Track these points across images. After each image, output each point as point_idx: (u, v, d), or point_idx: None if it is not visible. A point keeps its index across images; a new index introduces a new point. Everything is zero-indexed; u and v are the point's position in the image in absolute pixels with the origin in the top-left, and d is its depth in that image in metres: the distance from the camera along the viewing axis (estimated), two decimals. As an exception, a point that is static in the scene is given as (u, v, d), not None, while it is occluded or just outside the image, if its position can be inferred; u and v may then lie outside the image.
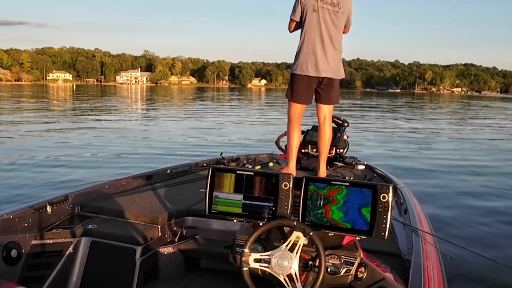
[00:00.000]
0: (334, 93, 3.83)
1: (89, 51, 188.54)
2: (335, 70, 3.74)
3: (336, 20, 3.67)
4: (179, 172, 4.12)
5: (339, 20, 3.68)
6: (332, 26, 3.67)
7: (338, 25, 3.69)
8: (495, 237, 5.35)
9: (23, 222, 2.71)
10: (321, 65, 3.67)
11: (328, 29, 3.66)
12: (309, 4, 3.65)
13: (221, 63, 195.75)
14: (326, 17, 3.65)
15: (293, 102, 3.81)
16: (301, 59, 3.70)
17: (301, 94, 3.77)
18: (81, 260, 2.81)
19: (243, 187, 2.15)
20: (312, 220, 2.04)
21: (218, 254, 2.71)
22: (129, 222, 2.95)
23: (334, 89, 3.81)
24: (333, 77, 3.73)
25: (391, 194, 1.94)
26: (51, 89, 75.45)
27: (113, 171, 7.94)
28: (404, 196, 3.47)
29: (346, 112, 27.90)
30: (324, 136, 3.86)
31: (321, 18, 3.64)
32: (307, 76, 3.69)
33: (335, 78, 3.76)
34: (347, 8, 3.71)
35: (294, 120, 3.83)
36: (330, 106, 3.86)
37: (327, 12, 3.65)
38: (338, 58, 3.76)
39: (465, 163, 10.53)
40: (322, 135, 3.87)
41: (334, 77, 3.74)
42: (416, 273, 2.13)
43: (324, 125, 3.86)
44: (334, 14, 3.66)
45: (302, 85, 3.74)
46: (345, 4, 3.69)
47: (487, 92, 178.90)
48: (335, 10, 3.66)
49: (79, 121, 18.48)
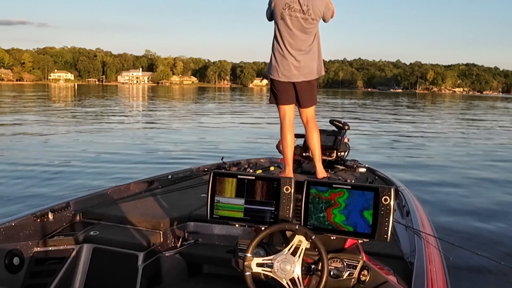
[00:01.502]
0: (311, 95, 3.81)
1: (90, 51, 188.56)
2: (307, 73, 3.69)
3: (306, 26, 3.58)
4: (180, 178, 4.14)
5: (309, 26, 3.59)
6: (300, 33, 3.60)
7: (308, 31, 3.61)
8: (498, 238, 5.35)
9: (25, 229, 2.71)
10: (291, 72, 3.65)
11: (296, 36, 3.59)
12: (277, 11, 3.59)
13: (222, 63, 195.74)
14: (295, 24, 3.57)
15: (278, 105, 3.82)
16: (273, 65, 3.71)
17: (281, 97, 3.77)
18: (83, 267, 2.81)
19: (245, 192, 2.15)
20: (314, 223, 2.05)
21: (221, 259, 2.71)
22: (131, 228, 2.95)
23: (310, 90, 3.78)
24: (304, 79, 3.70)
25: (392, 196, 1.95)
26: (52, 89, 75.46)
27: (114, 176, 7.91)
28: (406, 198, 3.47)
29: (346, 113, 27.84)
30: (311, 137, 3.86)
31: (289, 26, 3.57)
32: (280, 81, 3.71)
33: (307, 80, 3.73)
34: (319, 11, 3.59)
35: (285, 124, 3.82)
36: (310, 108, 3.85)
37: (296, 20, 3.56)
38: (311, 59, 3.69)
39: (467, 165, 10.52)
40: (309, 136, 3.87)
41: (306, 79, 3.70)
42: (419, 276, 2.13)
43: (309, 125, 3.86)
44: (304, 20, 3.56)
45: (278, 88, 3.76)
46: (315, 8, 3.57)
47: (489, 92, 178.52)
48: (304, 17, 3.56)
49: (79, 124, 18.36)
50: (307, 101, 3.81)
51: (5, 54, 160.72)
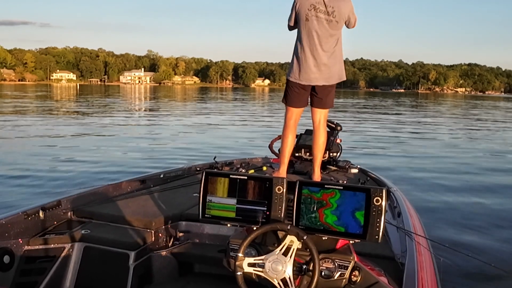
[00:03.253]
0: (328, 98, 3.81)
1: (92, 51, 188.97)
2: (328, 77, 3.68)
3: (330, 28, 3.58)
4: (173, 177, 4.12)
5: (333, 29, 3.59)
6: (325, 35, 3.59)
7: (332, 33, 3.60)
8: (488, 240, 5.35)
9: (16, 227, 2.71)
10: (312, 74, 3.64)
11: (320, 38, 3.58)
12: (303, 12, 3.58)
13: (224, 63, 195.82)
14: (319, 26, 3.56)
15: (288, 107, 3.82)
16: (294, 67, 3.70)
17: (295, 99, 3.77)
18: (74, 265, 2.80)
19: (237, 192, 2.15)
20: (306, 224, 2.05)
21: (212, 258, 2.71)
22: (123, 227, 2.94)
23: (329, 94, 3.79)
24: (325, 84, 3.69)
25: (384, 197, 1.95)
26: (54, 89, 75.50)
27: (106, 175, 7.86)
28: (398, 199, 3.48)
29: (346, 113, 27.76)
30: (318, 140, 3.85)
31: (314, 28, 3.56)
32: (299, 83, 3.70)
33: (328, 85, 3.72)
34: (343, 14, 3.60)
35: (290, 125, 3.82)
36: (325, 110, 3.85)
37: (320, 21, 3.56)
38: (333, 63, 3.68)
39: (460, 167, 10.48)
40: (317, 139, 3.86)
41: (326, 83, 3.70)
42: (409, 276, 2.14)
43: (319, 129, 3.85)
44: (328, 22, 3.56)
45: (296, 91, 3.74)
46: (341, 11, 3.58)
47: (491, 92, 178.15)
48: (328, 19, 3.56)
49: (76, 124, 18.26)
50: (324, 103, 3.80)
51: (7, 54, 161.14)
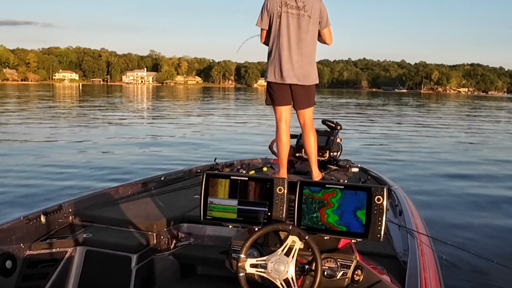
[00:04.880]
0: (308, 97, 3.77)
1: (95, 51, 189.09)
2: (301, 75, 3.65)
3: (302, 24, 3.57)
4: (173, 179, 4.11)
5: (305, 24, 3.58)
6: (297, 31, 3.58)
7: (304, 29, 3.59)
8: (490, 237, 5.36)
9: (17, 232, 2.70)
10: (285, 72, 3.62)
11: (293, 34, 3.58)
12: (274, 10, 3.58)
13: (227, 63, 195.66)
14: (290, 22, 3.57)
15: (275, 106, 3.80)
16: (269, 66, 3.71)
17: (277, 97, 3.75)
18: (76, 269, 2.79)
19: (238, 193, 2.15)
20: (308, 224, 2.05)
21: (214, 260, 2.70)
22: (124, 230, 2.93)
23: (306, 93, 3.75)
24: (298, 83, 3.66)
25: (385, 196, 1.95)
26: (56, 89, 75.55)
27: (107, 178, 7.84)
28: (399, 198, 3.48)
29: (346, 113, 27.69)
30: (308, 140, 3.83)
31: (285, 24, 3.57)
32: (276, 82, 3.69)
33: (304, 85, 3.69)
34: (315, 9, 3.59)
35: (281, 126, 3.80)
36: (308, 110, 3.81)
37: (291, 17, 3.56)
38: (306, 63, 3.66)
39: (461, 165, 10.48)
40: (306, 139, 3.85)
41: (299, 83, 3.66)
42: (412, 275, 2.14)
43: (306, 129, 3.83)
44: (299, 17, 3.56)
45: (275, 90, 3.74)
46: (312, 4, 3.57)
47: (494, 92, 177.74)
48: (300, 13, 3.56)
49: (76, 125, 18.11)
50: (303, 103, 3.77)
51: (10, 54, 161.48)
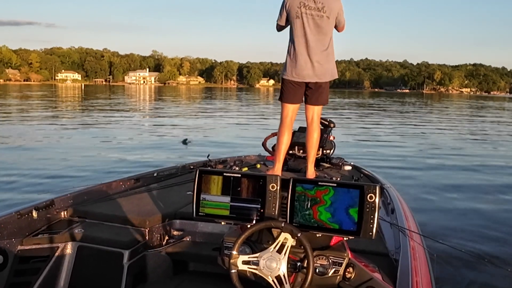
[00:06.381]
0: (322, 95, 3.85)
1: (97, 51, 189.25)
2: (321, 74, 3.74)
3: (322, 24, 3.65)
4: (166, 175, 4.10)
5: (324, 24, 3.65)
6: (316, 31, 3.65)
7: (323, 30, 3.67)
8: (482, 235, 5.38)
9: (8, 227, 2.69)
10: (305, 71, 3.70)
11: (312, 34, 3.65)
12: (293, 10, 3.65)
13: (229, 63, 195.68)
14: (310, 22, 3.63)
15: (284, 103, 3.86)
16: (288, 64, 3.76)
17: (290, 96, 3.83)
18: (68, 265, 2.78)
19: (231, 189, 2.16)
20: (300, 221, 2.06)
21: (206, 256, 2.71)
22: (116, 226, 2.93)
23: (322, 91, 3.83)
24: (318, 81, 3.75)
25: (378, 194, 1.96)
26: (59, 89, 75.60)
27: (99, 174, 7.82)
28: (391, 196, 3.48)
29: (347, 112, 27.62)
30: (311, 137, 3.88)
31: (305, 24, 3.63)
32: (293, 80, 3.75)
33: (321, 82, 3.77)
34: (333, 10, 3.67)
35: (286, 122, 3.86)
36: (318, 107, 3.88)
37: (311, 18, 3.63)
38: (326, 61, 3.74)
39: (452, 163, 10.54)
40: (310, 136, 3.89)
41: (319, 81, 3.75)
42: (403, 273, 2.14)
43: (312, 125, 3.88)
44: (319, 18, 3.63)
45: (290, 88, 3.80)
46: (331, 6, 3.65)
47: (496, 92, 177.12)
48: (319, 14, 3.63)
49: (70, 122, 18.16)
50: (317, 100, 3.85)
51: (12, 54, 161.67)
